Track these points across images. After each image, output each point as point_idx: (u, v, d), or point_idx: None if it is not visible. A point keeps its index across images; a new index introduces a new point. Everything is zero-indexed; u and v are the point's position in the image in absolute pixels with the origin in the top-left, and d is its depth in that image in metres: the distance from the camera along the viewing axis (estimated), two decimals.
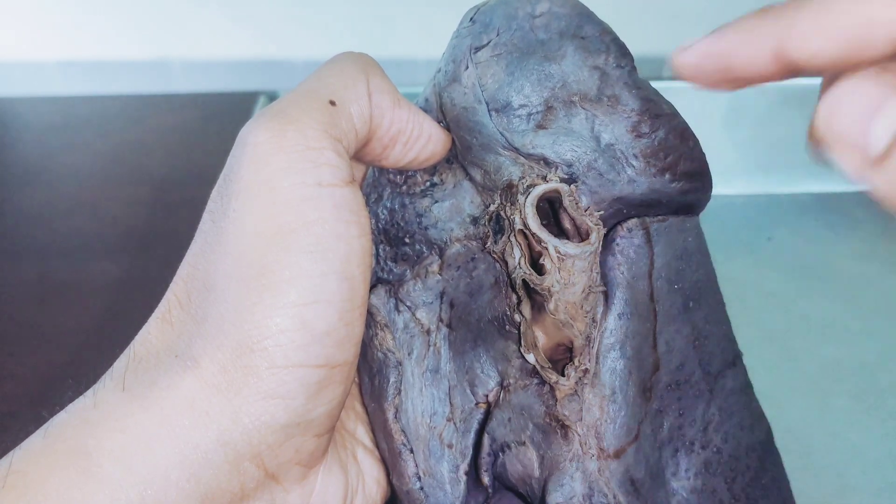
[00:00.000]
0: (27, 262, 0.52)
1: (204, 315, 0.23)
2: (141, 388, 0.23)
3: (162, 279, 0.25)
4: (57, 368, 0.44)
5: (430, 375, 0.28)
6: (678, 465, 0.27)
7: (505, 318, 0.27)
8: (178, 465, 0.22)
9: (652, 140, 0.26)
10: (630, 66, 0.27)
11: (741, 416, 0.28)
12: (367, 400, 0.29)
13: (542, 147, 0.26)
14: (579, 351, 0.26)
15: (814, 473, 0.36)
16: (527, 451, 0.26)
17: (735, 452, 0.28)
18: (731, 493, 0.27)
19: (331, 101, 0.25)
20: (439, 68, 0.28)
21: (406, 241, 0.28)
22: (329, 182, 0.23)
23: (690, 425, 0.27)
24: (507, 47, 0.26)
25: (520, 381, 0.27)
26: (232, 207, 0.23)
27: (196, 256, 0.24)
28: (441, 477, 0.27)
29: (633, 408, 0.26)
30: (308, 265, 0.23)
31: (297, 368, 0.23)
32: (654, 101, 0.26)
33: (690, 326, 0.27)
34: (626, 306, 0.26)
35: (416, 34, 0.75)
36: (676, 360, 0.27)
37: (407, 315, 0.28)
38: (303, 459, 0.24)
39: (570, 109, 0.26)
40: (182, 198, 0.56)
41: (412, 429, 0.27)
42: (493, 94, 0.26)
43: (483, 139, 0.27)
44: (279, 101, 0.25)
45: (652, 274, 0.26)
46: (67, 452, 0.22)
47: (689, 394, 0.27)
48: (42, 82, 0.79)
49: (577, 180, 0.26)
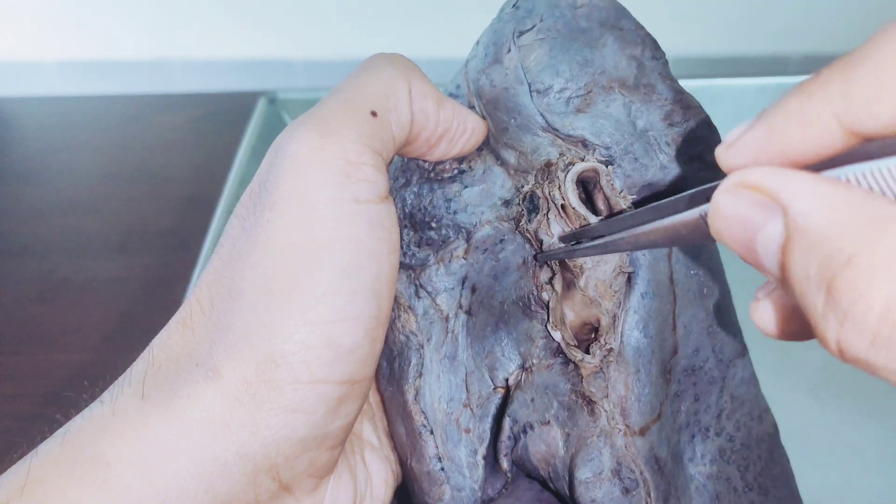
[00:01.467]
0: (28, 261, 0.52)
1: (228, 323, 0.23)
2: (161, 397, 0.22)
3: (162, 277, 0.25)
4: (57, 367, 0.44)
5: (447, 362, 0.28)
6: (694, 450, 0.27)
7: (531, 298, 0.27)
8: (196, 477, 0.22)
9: (684, 129, 0.27)
10: (663, 59, 0.28)
11: (751, 406, 0.28)
12: (385, 384, 0.29)
13: (582, 129, 0.27)
14: (605, 330, 0.26)
15: (814, 473, 0.36)
16: (551, 430, 0.26)
17: (746, 441, 0.28)
18: (744, 481, 0.28)
19: (372, 112, 0.24)
20: (474, 55, 0.29)
21: (432, 225, 0.29)
22: (366, 199, 0.23)
23: (705, 411, 0.28)
24: (551, 32, 0.27)
25: (543, 362, 0.27)
26: (266, 218, 0.23)
27: (223, 262, 0.24)
28: (459, 461, 0.27)
29: (656, 387, 0.26)
30: (339, 283, 0.23)
31: (320, 385, 0.23)
32: (685, 93, 0.28)
33: (705, 312, 0.28)
34: (648, 286, 0.26)
35: (416, 34, 0.75)
36: (693, 345, 0.27)
37: (427, 301, 0.28)
38: (316, 471, 0.24)
39: (608, 95, 0.27)
40: (182, 197, 0.56)
41: (430, 413, 0.28)
42: (535, 76, 0.27)
43: (522, 120, 0.27)
44: (319, 108, 0.25)
45: (671, 257, 0.27)
46: (86, 462, 0.21)
47: (703, 379, 0.28)
48: (42, 82, 0.79)
49: (613, 162, 0.27)
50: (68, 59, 0.78)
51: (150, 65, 0.77)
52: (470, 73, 0.29)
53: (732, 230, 0.18)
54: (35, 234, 0.54)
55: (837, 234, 0.15)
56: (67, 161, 0.61)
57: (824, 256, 0.15)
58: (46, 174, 0.60)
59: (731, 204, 0.17)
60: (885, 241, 0.14)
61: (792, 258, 0.16)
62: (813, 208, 0.16)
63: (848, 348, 0.15)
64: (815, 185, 0.16)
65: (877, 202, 0.15)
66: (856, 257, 0.15)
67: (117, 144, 0.62)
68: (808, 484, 0.29)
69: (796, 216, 0.16)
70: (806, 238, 0.16)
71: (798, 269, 0.16)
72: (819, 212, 0.15)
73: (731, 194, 0.17)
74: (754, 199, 0.17)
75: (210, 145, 0.61)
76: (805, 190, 0.16)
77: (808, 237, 0.16)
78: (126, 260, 0.51)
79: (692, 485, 0.27)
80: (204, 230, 0.46)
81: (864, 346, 0.15)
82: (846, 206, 0.15)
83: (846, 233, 0.15)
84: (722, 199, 0.18)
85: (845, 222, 0.15)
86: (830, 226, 0.15)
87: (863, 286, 0.14)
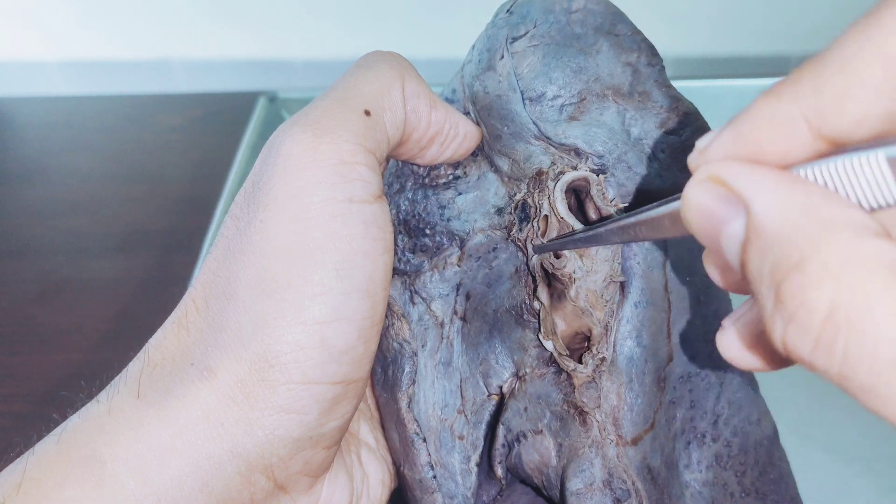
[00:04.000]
0: (28, 261, 0.52)
1: (222, 324, 0.23)
2: (156, 397, 0.23)
3: (162, 278, 0.25)
4: (57, 367, 0.44)
5: (442, 368, 0.28)
6: (690, 457, 0.27)
7: (523, 307, 0.27)
8: (191, 475, 0.22)
9: (680, 136, 0.27)
10: (660, 66, 0.27)
11: (749, 410, 0.28)
12: (379, 390, 0.29)
13: (575, 137, 0.27)
14: (597, 339, 0.26)
15: (814, 473, 0.36)
16: (543, 440, 0.26)
17: (744, 446, 0.28)
18: (741, 486, 0.27)
19: (365, 111, 0.24)
20: (469, 59, 0.29)
21: (427, 232, 0.29)
22: (360, 198, 0.23)
23: (701, 418, 0.27)
24: (545, 39, 0.27)
25: (536, 371, 0.27)
26: (259, 218, 0.23)
27: (217, 262, 0.24)
28: (452, 468, 0.27)
29: (650, 396, 0.26)
30: (333, 283, 0.23)
31: (313, 385, 0.23)
32: (681, 100, 0.27)
33: (701, 319, 0.27)
34: (642, 295, 0.26)
35: (416, 34, 0.75)
36: (688, 352, 0.27)
37: (422, 307, 0.28)
38: (311, 470, 0.24)
39: (602, 102, 0.27)
40: (182, 197, 0.56)
41: (424, 420, 0.28)
42: (528, 83, 0.27)
43: (515, 128, 0.27)
44: (312, 107, 0.24)
45: (666, 265, 0.27)
46: (82, 461, 0.22)
47: (699, 386, 0.27)
48: (43, 82, 0.79)
49: (606, 171, 0.27)
50: (68, 59, 0.78)
51: (150, 65, 0.77)
52: (465, 78, 0.29)
53: (700, 223, 0.18)
54: (35, 234, 0.54)
55: (790, 237, 0.15)
56: (67, 161, 0.61)
57: (776, 258, 0.15)
58: (46, 174, 0.60)
59: (699, 196, 0.17)
60: (834, 247, 0.14)
61: (749, 257, 0.16)
62: (770, 208, 0.16)
63: (793, 349, 0.15)
64: (777, 184, 0.16)
65: (834, 205, 0.15)
66: (805, 262, 0.15)
67: (117, 144, 0.62)
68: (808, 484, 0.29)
69: (755, 215, 0.16)
70: (762, 238, 0.16)
71: (753, 268, 0.16)
72: (776, 212, 0.16)
73: (700, 187, 0.17)
74: (720, 193, 0.17)
75: (210, 145, 0.61)
76: (766, 188, 0.16)
77: (764, 237, 0.16)
78: (126, 260, 0.51)
79: (687, 492, 0.27)
80: (204, 230, 0.46)
81: (808, 348, 0.15)
82: (802, 207, 0.15)
83: (799, 236, 0.15)
84: (692, 190, 0.18)
85: (800, 225, 0.15)
86: (785, 227, 0.15)
87: (808, 291, 0.15)
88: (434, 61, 0.76)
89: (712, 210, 0.17)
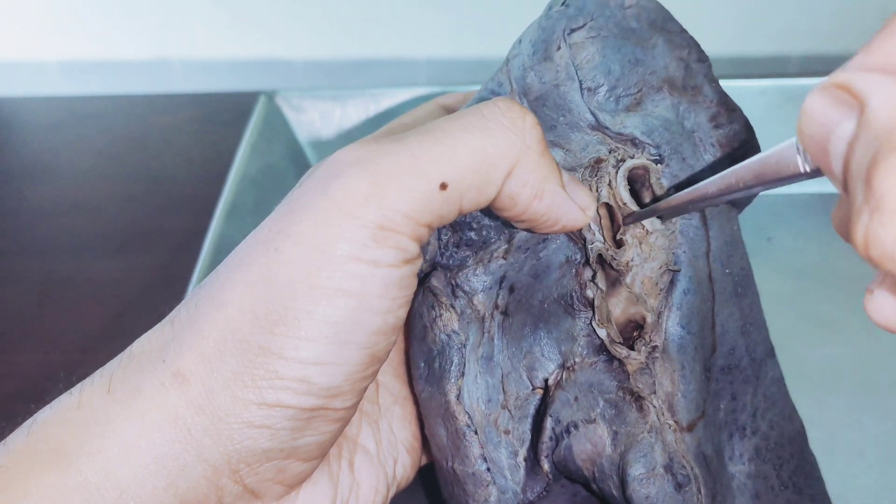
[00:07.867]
0: (28, 260, 0.52)
1: (207, 331, 0.23)
2: (125, 394, 0.23)
3: (162, 277, 0.25)
4: (57, 367, 0.44)
5: (483, 363, 0.28)
6: (734, 449, 0.27)
7: (573, 297, 0.27)
8: (155, 474, 0.22)
9: (728, 131, 0.28)
10: (708, 62, 0.28)
11: (782, 405, 0.29)
12: (423, 385, 0.28)
13: (633, 127, 0.27)
14: (651, 327, 0.26)
15: None
16: (597, 429, 0.26)
17: (780, 440, 0.28)
18: (779, 479, 0.28)
19: (442, 185, 0.22)
20: (517, 52, 0.29)
21: (473, 226, 0.29)
22: (387, 263, 0.22)
23: (742, 410, 0.28)
24: (603, 31, 0.27)
25: (586, 360, 0.27)
26: (275, 247, 0.22)
27: (227, 267, 0.24)
28: (500, 463, 0.27)
29: (700, 384, 0.26)
30: (330, 332, 0.22)
31: (287, 409, 0.22)
32: (728, 96, 0.28)
33: (739, 311, 0.28)
34: (690, 283, 0.27)
35: (416, 34, 0.75)
36: (729, 344, 0.28)
37: (463, 301, 0.28)
38: (286, 479, 0.24)
39: (657, 94, 0.27)
40: (182, 197, 0.56)
41: (472, 414, 0.27)
42: (586, 73, 0.27)
43: (571, 117, 0.28)
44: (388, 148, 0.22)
45: (709, 255, 0.27)
46: (49, 453, 0.22)
47: (738, 378, 0.28)
48: (43, 82, 0.79)
49: (663, 161, 0.27)
50: (68, 59, 0.78)
51: (150, 65, 0.78)
52: (513, 70, 0.29)
53: (812, 129, 0.17)
54: (35, 234, 0.54)
55: None
56: (67, 161, 0.61)
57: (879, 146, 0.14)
58: (46, 174, 0.60)
59: (817, 102, 0.17)
60: None
61: (853, 154, 0.16)
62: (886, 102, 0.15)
63: (872, 242, 0.15)
64: None
65: None
66: None
67: (117, 144, 0.62)
68: None
69: (870, 109, 0.15)
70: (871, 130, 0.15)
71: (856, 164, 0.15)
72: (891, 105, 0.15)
73: (819, 93, 0.17)
74: (837, 96, 0.17)
75: (210, 145, 0.61)
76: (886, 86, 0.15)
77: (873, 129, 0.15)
78: (126, 260, 0.51)
79: (733, 483, 0.27)
80: (204, 230, 0.46)
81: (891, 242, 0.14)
82: None
83: None
84: (811, 97, 0.17)
85: None
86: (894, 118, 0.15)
87: None
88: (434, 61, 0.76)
89: (826, 113, 0.17)
